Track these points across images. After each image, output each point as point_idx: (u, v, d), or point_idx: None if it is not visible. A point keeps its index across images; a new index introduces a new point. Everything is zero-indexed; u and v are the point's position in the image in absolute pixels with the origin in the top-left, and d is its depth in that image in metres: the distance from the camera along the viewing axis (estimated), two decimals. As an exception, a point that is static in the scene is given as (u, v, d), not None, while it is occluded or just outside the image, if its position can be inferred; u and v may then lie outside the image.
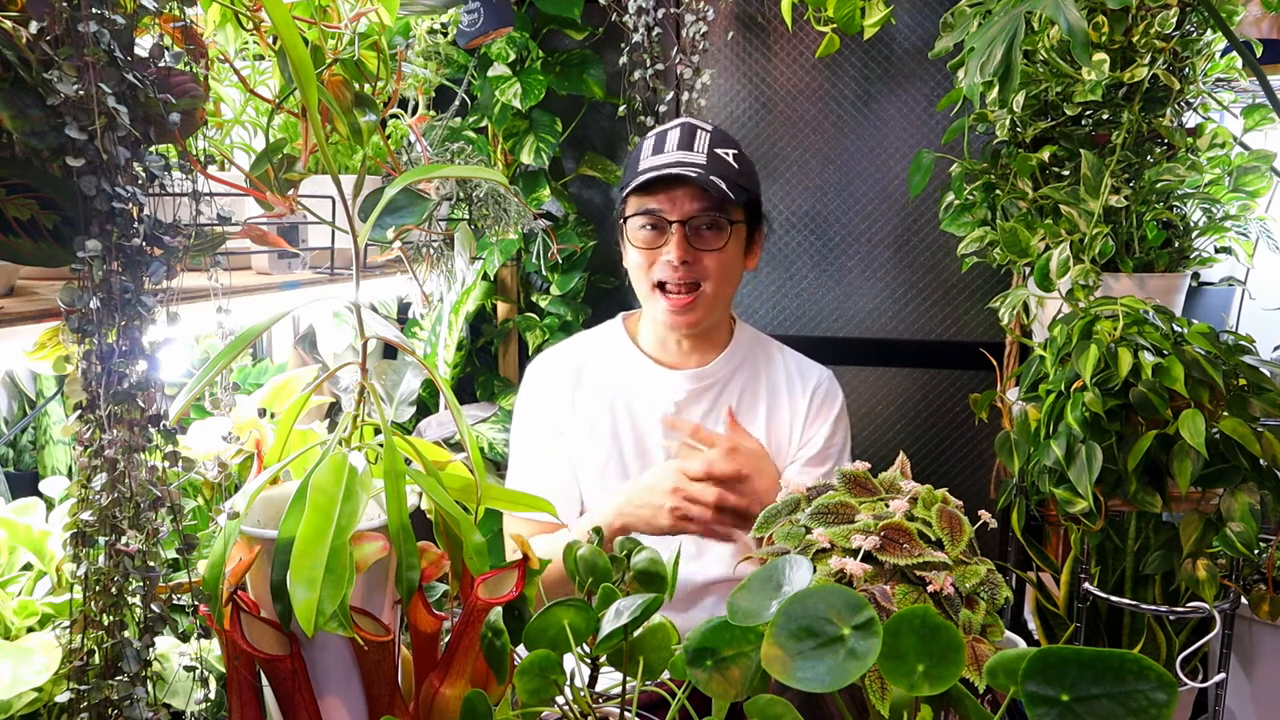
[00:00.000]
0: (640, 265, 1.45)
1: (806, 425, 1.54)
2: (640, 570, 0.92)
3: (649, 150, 1.46)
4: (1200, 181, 1.47)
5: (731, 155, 1.45)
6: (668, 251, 1.41)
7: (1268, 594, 1.25)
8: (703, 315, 1.45)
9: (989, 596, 0.85)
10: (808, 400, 1.54)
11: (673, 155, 1.42)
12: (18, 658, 0.87)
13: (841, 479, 0.97)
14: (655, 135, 1.48)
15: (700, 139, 1.44)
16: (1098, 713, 0.56)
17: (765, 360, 1.57)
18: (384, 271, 1.51)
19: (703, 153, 1.42)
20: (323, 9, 1.16)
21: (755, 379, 1.55)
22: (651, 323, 1.53)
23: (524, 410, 1.58)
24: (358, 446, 0.88)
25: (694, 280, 1.42)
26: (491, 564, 0.92)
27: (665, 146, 1.44)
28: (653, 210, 1.42)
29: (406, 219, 1.25)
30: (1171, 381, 1.11)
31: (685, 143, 1.44)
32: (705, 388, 1.52)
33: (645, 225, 1.44)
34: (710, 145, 1.44)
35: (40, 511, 1.05)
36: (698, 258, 1.42)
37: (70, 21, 0.67)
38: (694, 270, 1.42)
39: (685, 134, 1.45)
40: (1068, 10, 1.05)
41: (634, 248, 1.45)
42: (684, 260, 1.40)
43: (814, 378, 1.56)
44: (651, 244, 1.44)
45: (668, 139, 1.45)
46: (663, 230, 1.43)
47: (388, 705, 0.87)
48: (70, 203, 0.73)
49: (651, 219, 1.43)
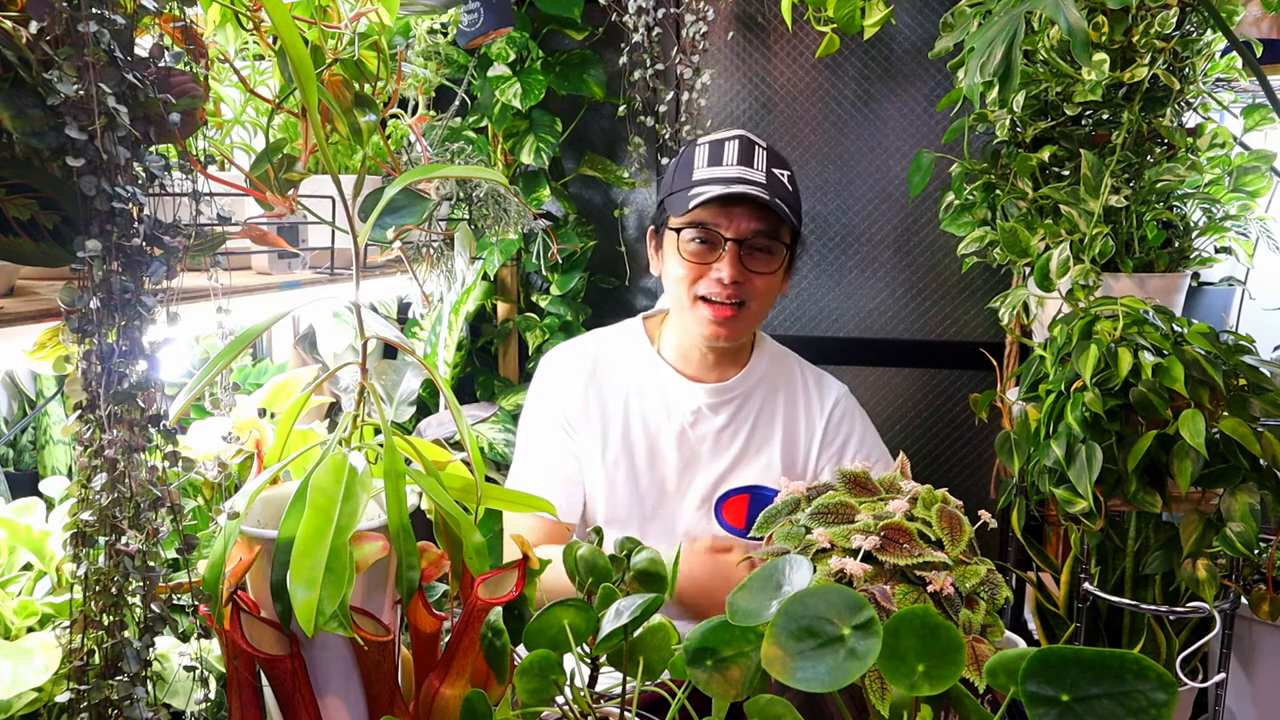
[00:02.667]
0: (683, 278, 1.41)
1: (824, 445, 1.52)
2: (640, 570, 0.92)
3: (703, 160, 1.42)
4: (1200, 181, 1.47)
5: (786, 177, 1.42)
6: (719, 270, 1.37)
7: (1268, 594, 1.25)
8: (741, 331, 1.43)
9: (989, 596, 0.85)
10: (825, 419, 1.53)
11: (733, 170, 1.38)
12: (18, 658, 0.87)
13: (841, 479, 0.97)
14: (709, 144, 1.43)
15: (759, 156, 1.41)
16: (1098, 713, 0.56)
17: (785, 378, 1.55)
18: (384, 271, 1.51)
19: (762, 171, 1.39)
20: (323, 9, 1.16)
21: (774, 396, 1.53)
22: (680, 332, 1.50)
23: (534, 403, 1.56)
24: (358, 446, 0.88)
25: (740, 299, 1.40)
26: (491, 564, 0.92)
27: (724, 159, 1.40)
28: (706, 224, 1.38)
29: (406, 219, 1.25)
30: (1171, 381, 1.11)
31: (745, 158, 1.40)
32: (724, 402, 1.50)
33: (697, 239, 1.39)
34: (769, 164, 1.41)
35: (40, 511, 1.05)
36: (748, 278, 1.39)
37: (70, 21, 0.67)
38: (742, 290, 1.39)
39: (744, 148, 1.41)
40: (1068, 10, 1.05)
41: (681, 259, 1.40)
42: (735, 280, 1.37)
43: (832, 396, 1.55)
44: (702, 259, 1.39)
45: (725, 151, 1.41)
46: (715, 246, 1.39)
47: (388, 705, 0.87)
48: (70, 203, 0.73)
49: (705, 233, 1.39)
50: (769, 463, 1.51)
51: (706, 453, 1.50)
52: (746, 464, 1.50)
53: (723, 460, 1.50)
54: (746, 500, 1.50)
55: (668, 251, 1.44)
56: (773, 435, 1.52)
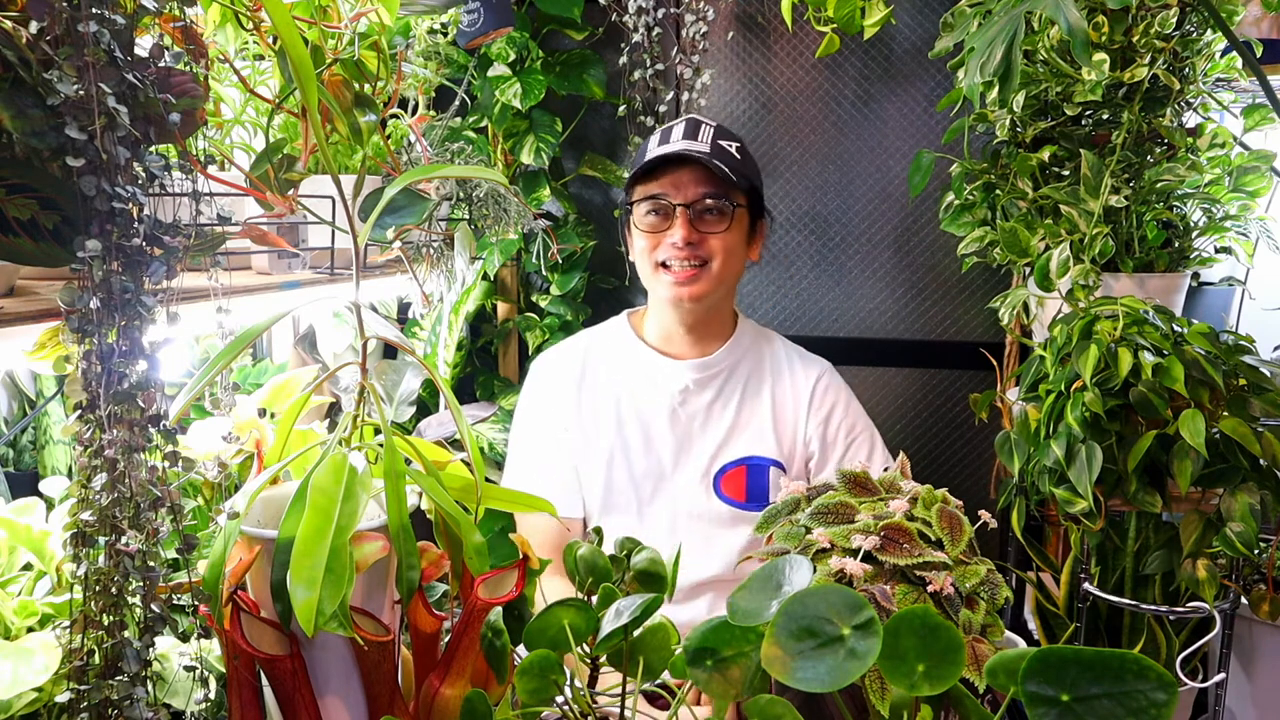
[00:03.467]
0: (645, 249, 1.48)
1: (811, 414, 1.55)
2: (640, 570, 0.92)
3: (654, 143, 1.50)
4: (1200, 181, 1.47)
5: (734, 148, 1.49)
6: (672, 234, 1.45)
7: (1268, 594, 1.24)
8: (705, 290, 1.47)
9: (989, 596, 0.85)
10: (811, 389, 1.56)
11: (678, 145, 1.45)
12: (18, 658, 0.87)
13: (841, 479, 0.97)
14: (661, 130, 1.53)
15: (704, 131, 1.48)
16: (1098, 713, 0.56)
17: (769, 352, 1.60)
18: (384, 271, 1.51)
19: (706, 142, 1.46)
20: (323, 9, 1.16)
21: (759, 367, 1.57)
22: (656, 311, 1.55)
23: (527, 406, 1.59)
24: (358, 446, 0.88)
25: (700, 259, 1.45)
26: (492, 564, 0.92)
27: (671, 138, 1.48)
28: (657, 195, 1.46)
29: (406, 219, 1.25)
30: (1171, 381, 1.11)
31: (690, 134, 1.47)
32: (710, 376, 1.54)
33: (650, 211, 1.47)
34: (714, 137, 1.47)
35: (40, 511, 1.05)
36: (702, 239, 1.46)
37: (70, 21, 0.66)
38: (699, 251, 1.45)
39: (690, 126, 1.49)
40: (1068, 10, 1.05)
41: (639, 232, 1.48)
42: (689, 241, 1.44)
43: (815, 369, 1.59)
44: (656, 228, 1.47)
45: (673, 132, 1.49)
46: (667, 215, 1.46)
47: (388, 705, 0.87)
48: (70, 203, 0.73)
49: (656, 204, 1.46)
50: (760, 433, 1.53)
51: (699, 429, 1.53)
52: (739, 435, 1.53)
53: (716, 434, 1.53)
54: (744, 472, 1.53)
55: (633, 227, 1.51)
56: (761, 405, 1.55)
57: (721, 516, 1.51)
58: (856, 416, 1.58)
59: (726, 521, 1.51)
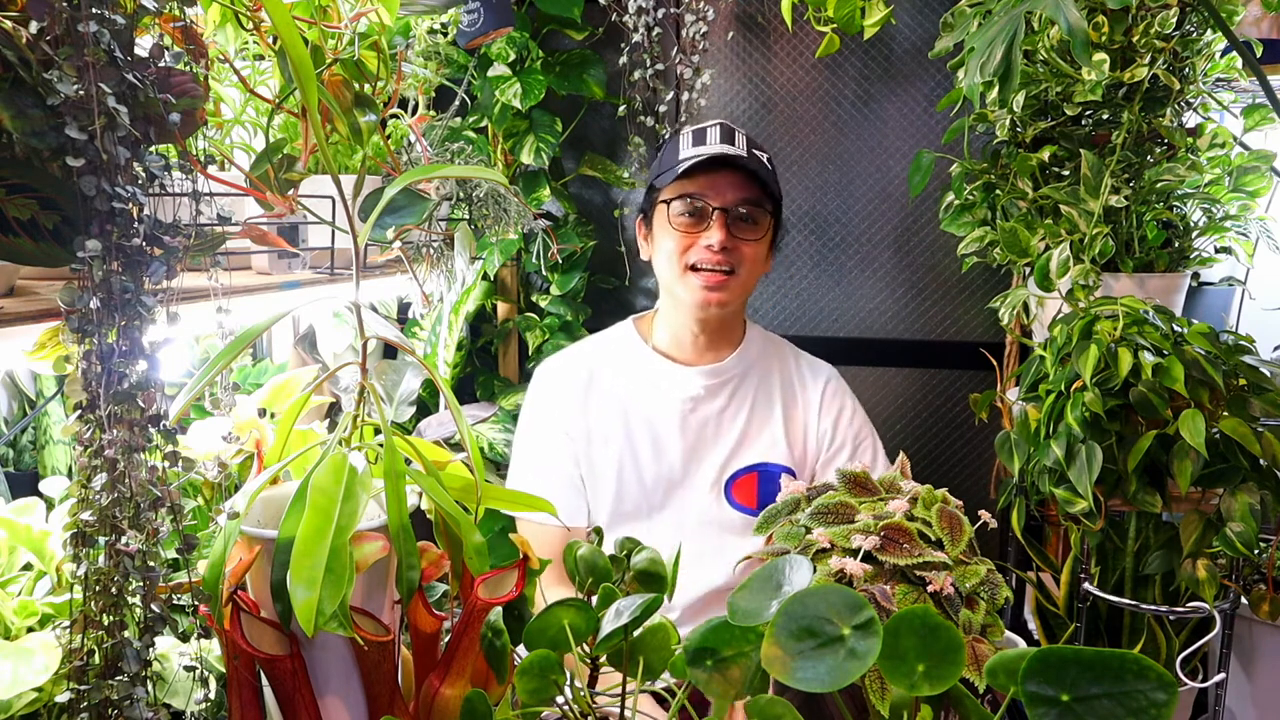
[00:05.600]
0: (673, 251, 1.46)
1: (821, 416, 1.56)
2: (640, 570, 0.92)
3: (687, 143, 1.48)
4: (1200, 181, 1.47)
5: (765, 158, 1.49)
6: (708, 237, 1.43)
7: (1268, 594, 1.25)
8: (730, 299, 1.47)
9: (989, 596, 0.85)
10: (820, 393, 1.57)
11: (716, 147, 1.44)
12: (18, 658, 0.87)
13: (841, 479, 0.97)
14: (692, 131, 1.50)
15: (740, 138, 1.48)
16: (1098, 713, 0.56)
17: (778, 358, 1.60)
18: (384, 271, 1.51)
19: (743, 149, 1.45)
20: (323, 9, 1.16)
21: (769, 374, 1.57)
22: (672, 314, 1.54)
23: (532, 414, 1.57)
24: (358, 446, 0.88)
25: (730, 267, 1.45)
26: (492, 564, 0.92)
27: (707, 140, 1.47)
28: (694, 195, 1.44)
29: (406, 219, 1.25)
30: (1171, 381, 1.11)
31: (726, 138, 1.47)
32: (722, 383, 1.53)
33: (685, 211, 1.45)
34: (748, 146, 1.47)
35: (40, 511, 1.05)
36: (735, 245, 1.45)
37: (70, 21, 0.66)
38: (731, 257, 1.44)
39: (725, 131, 1.48)
40: (1068, 10, 1.05)
41: (671, 230, 1.46)
42: (724, 246, 1.43)
43: (823, 374, 1.60)
44: (691, 228, 1.45)
45: (708, 134, 1.48)
46: (702, 217, 1.45)
47: (388, 705, 0.87)
48: (70, 203, 0.73)
49: (692, 204, 1.44)
50: (773, 440, 1.53)
51: (710, 436, 1.52)
52: (751, 442, 1.53)
53: (727, 441, 1.52)
54: (756, 479, 1.52)
55: (658, 227, 1.49)
56: (773, 412, 1.55)
57: (733, 524, 1.50)
58: (862, 421, 1.58)
59: (738, 529, 1.50)
